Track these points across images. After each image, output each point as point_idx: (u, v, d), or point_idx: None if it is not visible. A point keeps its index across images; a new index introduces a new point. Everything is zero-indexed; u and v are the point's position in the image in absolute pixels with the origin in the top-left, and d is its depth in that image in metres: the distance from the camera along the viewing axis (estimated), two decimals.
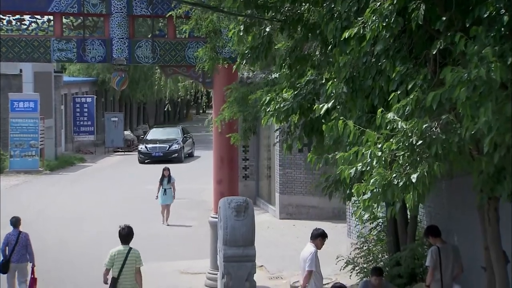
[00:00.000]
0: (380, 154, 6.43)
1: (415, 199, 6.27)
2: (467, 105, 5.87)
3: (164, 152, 33.05)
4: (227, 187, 13.71)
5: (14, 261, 12.34)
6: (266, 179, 21.93)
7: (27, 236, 12.57)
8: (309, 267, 9.90)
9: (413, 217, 11.30)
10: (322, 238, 10.14)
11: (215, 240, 13.77)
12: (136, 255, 10.46)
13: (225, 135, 13.28)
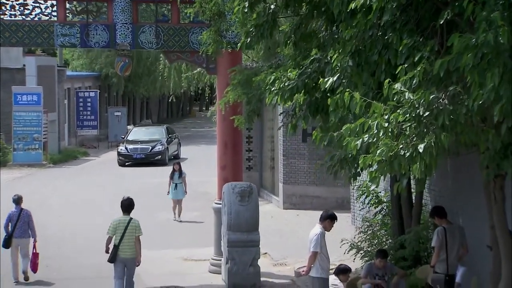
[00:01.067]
0: (387, 125, 6.38)
1: (422, 169, 6.21)
2: (475, 72, 5.81)
3: (147, 154, 29.88)
4: (231, 173, 13.66)
5: (16, 236, 13.03)
6: (269, 170, 21.87)
7: (29, 213, 13.25)
8: (314, 248, 9.85)
9: (418, 200, 11.26)
10: (331, 220, 10.07)
11: (219, 226, 13.74)
12: (135, 225, 11.40)
13: (229, 121, 13.23)
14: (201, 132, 47.23)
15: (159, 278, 13.35)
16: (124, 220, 11.39)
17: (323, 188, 19.42)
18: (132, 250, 11.37)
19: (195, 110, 66.66)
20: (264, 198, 21.30)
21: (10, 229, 13.05)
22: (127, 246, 11.35)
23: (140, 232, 11.43)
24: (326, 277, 10.02)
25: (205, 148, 35.83)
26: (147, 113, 50.36)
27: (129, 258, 11.40)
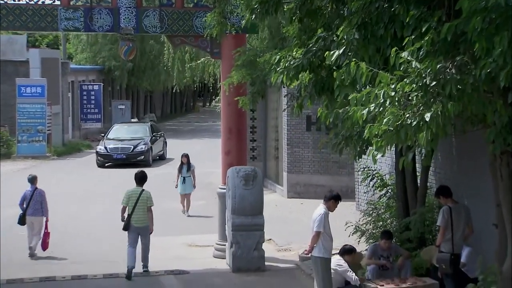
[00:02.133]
0: (393, 94, 6.34)
1: (428, 138, 6.17)
2: (483, 38, 5.76)
3: (128, 154, 27.20)
4: (236, 158, 13.62)
5: (29, 214, 13.76)
6: (273, 160, 21.84)
7: (42, 192, 13.98)
8: (317, 227, 9.80)
9: (423, 182, 11.21)
10: (335, 200, 10.02)
11: (223, 211, 13.71)
12: (147, 196, 12.39)
13: (234, 106, 13.20)
14: (204, 126, 47.27)
15: (163, 263, 13.33)
16: (136, 191, 12.34)
17: (327, 177, 19.38)
18: (145, 219, 12.28)
19: (198, 105, 66.68)
20: (268, 187, 21.26)
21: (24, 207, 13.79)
22: (139, 216, 12.26)
23: (151, 202, 12.39)
24: (328, 257, 9.98)
25: (208, 141, 35.84)
26: (150, 107, 50.36)
27: (142, 227, 12.31)
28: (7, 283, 12.19)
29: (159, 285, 12.10)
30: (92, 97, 37.13)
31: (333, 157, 19.46)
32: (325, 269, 9.88)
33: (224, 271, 12.88)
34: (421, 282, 10.20)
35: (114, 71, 39.87)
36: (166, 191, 19.77)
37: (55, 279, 12.39)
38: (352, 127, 8.34)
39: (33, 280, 12.35)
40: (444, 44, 6.47)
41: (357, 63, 6.66)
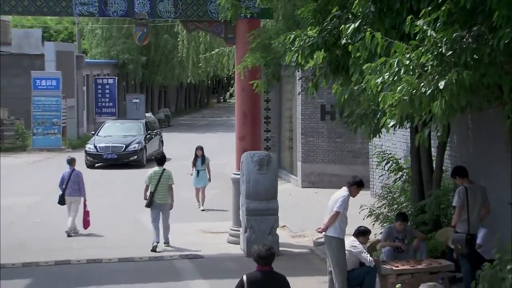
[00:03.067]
0: (408, 62, 6.29)
1: (442, 107, 6.12)
2: (504, 5, 5.70)
3: (119, 154, 24.73)
4: (250, 143, 13.61)
5: (67, 194, 14.58)
6: (288, 151, 21.81)
7: (79, 173, 14.87)
8: (338, 208, 9.74)
9: (438, 165, 11.14)
10: (358, 186, 9.95)
11: (237, 196, 13.70)
12: (168, 175, 13.52)
13: (248, 91, 13.18)
14: (218, 121, 47.30)
15: (178, 248, 13.36)
16: (158, 170, 13.48)
17: (341, 166, 19.32)
18: (166, 196, 13.45)
19: (213, 101, 66.72)
20: (283, 178, 21.22)
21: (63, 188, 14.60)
22: (161, 193, 13.40)
23: (172, 181, 13.55)
24: (342, 238, 9.94)
25: (222, 135, 35.83)
26: (165, 102, 50.43)
27: (163, 204, 13.44)
28: (22, 266, 12.27)
29: (173, 269, 12.12)
30: (106, 91, 37.23)
31: (348, 146, 19.43)
32: (339, 250, 9.84)
33: (238, 256, 12.87)
34: (437, 263, 10.14)
35: (129, 65, 39.95)
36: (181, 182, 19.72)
37: (70, 263, 12.45)
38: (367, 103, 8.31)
39: (48, 263, 12.42)
40: (461, 14, 6.42)
41: (372, 33, 6.62)
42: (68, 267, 12.23)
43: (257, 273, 6.92)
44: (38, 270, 12.09)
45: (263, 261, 6.89)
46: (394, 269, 9.98)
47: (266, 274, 6.87)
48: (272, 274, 6.92)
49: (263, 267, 6.91)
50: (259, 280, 6.83)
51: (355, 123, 8.90)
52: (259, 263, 6.92)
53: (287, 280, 6.99)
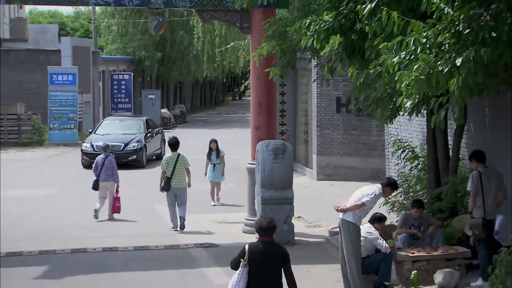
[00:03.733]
0: (425, 41, 6.26)
1: (459, 84, 6.07)
2: None
3: (118, 153, 22.14)
4: (265, 133, 13.60)
5: (101, 180, 15.03)
6: (303, 144, 21.77)
7: (113, 160, 15.36)
8: (367, 201, 9.63)
9: (455, 153, 11.06)
10: (391, 188, 9.87)
11: (252, 186, 13.70)
12: (184, 159, 14.06)
13: (264, 80, 13.18)
14: (233, 118, 47.33)
15: (193, 237, 13.41)
16: (173, 156, 13.99)
17: (357, 158, 19.27)
18: (182, 180, 14.01)
19: (228, 99, 66.78)
20: (298, 171, 21.19)
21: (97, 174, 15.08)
22: (177, 178, 13.94)
23: (188, 164, 14.11)
24: (359, 226, 9.91)
25: (238, 131, 35.85)
26: (180, 99, 50.54)
27: (179, 188, 13.99)
28: (39, 254, 12.35)
29: (188, 257, 12.15)
30: (122, 87, 37.37)
31: (363, 138, 19.37)
32: (355, 235, 9.80)
33: None
34: (453, 250, 10.09)
35: (145, 61, 40.05)
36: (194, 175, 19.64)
37: (86, 251, 12.51)
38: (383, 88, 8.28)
39: (64, 251, 12.49)
40: None
41: (389, 12, 6.58)
42: (84, 255, 12.29)
43: (258, 243, 7.30)
44: (54, 257, 12.17)
45: (264, 232, 7.29)
46: (410, 256, 9.95)
47: (266, 244, 7.26)
48: (272, 245, 7.30)
49: (264, 238, 7.30)
50: (260, 250, 7.22)
51: (370, 107, 8.84)
52: (261, 234, 7.32)
53: (286, 251, 7.34)
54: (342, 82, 19.20)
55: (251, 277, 7.16)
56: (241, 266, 7.19)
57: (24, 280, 10.80)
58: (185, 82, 50.74)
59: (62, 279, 10.86)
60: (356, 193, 9.95)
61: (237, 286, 7.17)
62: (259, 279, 7.17)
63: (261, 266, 7.16)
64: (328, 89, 19.27)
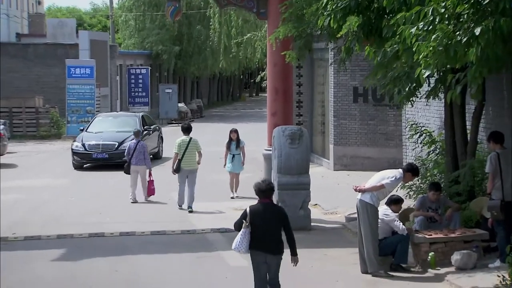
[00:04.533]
0: (444, 11, 6.21)
1: (478, 54, 6.03)
2: None
3: (111, 153, 20.87)
4: (282, 119, 13.61)
5: (133, 163, 15.59)
6: (320, 135, 21.72)
7: (144, 144, 16.05)
8: (387, 184, 9.68)
9: (472, 136, 11.00)
10: (412, 174, 9.91)
11: (269, 172, 13.71)
12: (195, 142, 14.75)
13: (280, 66, 13.17)
14: (250, 113, 47.33)
15: (209, 222, 13.43)
16: (185, 139, 14.65)
17: (374, 148, 19.19)
18: (193, 163, 14.67)
19: (245, 95, 66.80)
20: (315, 162, 21.14)
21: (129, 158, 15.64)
22: (188, 160, 14.59)
23: (199, 147, 14.79)
24: (377, 207, 9.89)
25: (255, 124, 35.82)
26: (197, 94, 50.62)
27: (190, 169, 14.62)
28: (57, 238, 12.43)
29: (205, 241, 12.18)
30: (140, 81, 37.46)
31: (381, 128, 19.29)
32: (373, 216, 9.78)
33: None
34: (471, 232, 10.04)
35: (162, 55, 40.14)
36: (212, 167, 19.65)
37: (104, 235, 12.57)
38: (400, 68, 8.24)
39: (82, 235, 12.56)
40: None
41: None
42: (102, 239, 12.35)
43: (258, 204, 7.91)
44: (72, 241, 12.24)
45: (263, 194, 7.89)
46: (427, 238, 9.90)
47: (265, 205, 7.89)
48: (271, 205, 8.00)
49: (263, 200, 7.91)
50: (260, 211, 7.84)
51: (388, 85, 8.81)
52: (260, 196, 7.92)
53: (283, 210, 8.14)
54: (359, 71, 19.13)
55: (253, 237, 7.77)
56: (244, 227, 7.79)
57: (43, 262, 10.87)
58: (202, 77, 50.79)
59: (80, 261, 10.93)
60: (377, 175, 9.94)
61: (240, 245, 7.82)
62: (260, 238, 7.76)
63: (262, 226, 7.75)
64: (345, 79, 19.22)
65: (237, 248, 7.89)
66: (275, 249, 7.82)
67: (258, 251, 7.81)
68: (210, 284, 9.75)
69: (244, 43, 26.93)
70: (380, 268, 9.79)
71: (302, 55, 11.55)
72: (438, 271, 9.67)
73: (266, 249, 7.80)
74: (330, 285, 9.52)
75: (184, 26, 41.46)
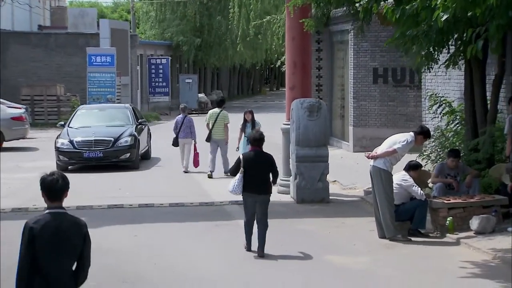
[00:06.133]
0: None
1: None
2: None
3: (106, 151, 17.23)
4: (300, 93, 13.57)
5: (181, 137, 16.66)
6: (339, 119, 21.66)
7: (191, 119, 17.10)
8: (399, 148, 9.68)
9: (493, 105, 10.91)
10: (424, 136, 9.88)
11: (287, 146, 13.72)
12: (225, 115, 16.05)
13: (298, 40, 13.15)
14: (270, 104, 47.34)
15: (226, 196, 13.37)
16: (216, 111, 16.08)
17: (394, 130, 18.82)
18: (221, 133, 15.96)
19: (265, 89, 66.81)
20: (334, 145, 21.12)
21: (177, 132, 16.70)
22: (217, 130, 15.95)
23: (227, 120, 15.96)
24: (390, 172, 9.85)
25: (274, 114, 35.85)
26: (217, 86, 50.69)
27: (219, 139, 15.96)
28: (76, 209, 12.51)
29: (224, 212, 12.23)
30: (160, 71, 37.56)
31: (400, 109, 19.20)
32: (387, 181, 9.75)
33: (288, 203, 12.89)
34: (490, 197, 9.97)
35: (182, 46, 40.23)
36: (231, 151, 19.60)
37: (123, 207, 12.65)
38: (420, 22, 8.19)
39: (101, 206, 12.65)
40: None
41: None
42: (121, 210, 12.44)
43: (251, 152, 9.31)
44: (91, 212, 12.33)
45: (256, 142, 9.23)
46: (446, 203, 9.86)
47: (257, 152, 9.23)
48: (261, 153, 9.27)
49: (255, 147, 9.24)
50: (252, 157, 9.19)
51: (406, 44, 8.76)
52: (253, 144, 9.25)
53: (271, 156, 9.32)
54: (379, 52, 19.07)
55: (246, 180, 9.07)
56: (240, 172, 9.09)
57: None
58: (222, 70, 50.85)
59: (99, 228, 10.97)
60: (388, 140, 9.91)
61: (237, 188, 9.15)
62: (252, 180, 9.07)
63: (254, 169, 9.06)
64: (365, 60, 19.17)
65: (234, 191, 9.21)
66: (264, 190, 9.15)
67: (250, 193, 9.11)
68: (227, 248, 9.77)
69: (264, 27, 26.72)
70: (398, 233, 9.76)
71: (320, 22, 11.51)
72: (456, 235, 9.61)
73: (256, 191, 9.10)
74: (347, 249, 9.50)
75: (204, 17, 41.52)
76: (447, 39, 8.73)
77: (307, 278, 8.20)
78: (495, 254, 8.65)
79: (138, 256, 9.31)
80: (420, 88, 16.60)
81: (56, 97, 30.98)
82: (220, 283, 8.12)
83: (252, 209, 9.20)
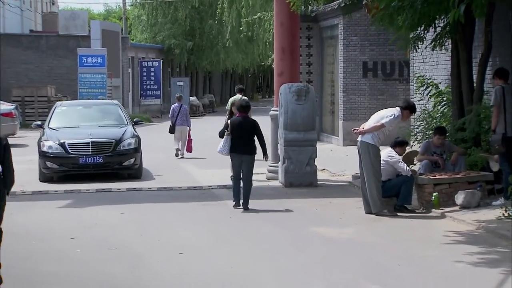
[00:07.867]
0: None
1: None
2: None
3: (107, 156, 13.93)
4: (288, 79, 13.62)
5: (178, 124, 17.71)
6: (329, 114, 21.72)
7: (186, 107, 18.40)
8: (386, 122, 9.76)
9: (478, 84, 10.97)
10: (410, 111, 9.94)
11: (275, 132, 13.75)
12: (246, 100, 17.00)
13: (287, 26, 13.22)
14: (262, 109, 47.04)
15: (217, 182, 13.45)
16: (238, 97, 15.33)
17: None
18: None
19: (257, 96, 66.95)
20: (324, 140, 21.20)
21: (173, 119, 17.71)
22: None
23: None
24: (379, 147, 9.90)
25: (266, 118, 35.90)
26: (209, 91, 50.75)
27: None
28: (64, 192, 12.52)
29: (212, 194, 12.28)
30: (151, 74, 37.61)
31: (390, 103, 19.16)
32: (375, 156, 9.80)
33: (277, 186, 12.92)
34: (475, 173, 10.02)
35: (174, 49, 40.29)
36: None
37: (111, 190, 12.65)
38: None
39: (89, 190, 12.64)
40: None
41: None
42: (109, 194, 12.43)
43: (238, 117, 10.69)
44: (79, 195, 12.34)
45: (243, 109, 10.72)
46: (431, 179, 9.91)
47: (243, 118, 10.67)
48: (246, 118, 10.70)
49: (241, 114, 10.67)
50: (238, 122, 10.58)
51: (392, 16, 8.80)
52: (240, 110, 10.69)
53: (256, 122, 10.75)
54: (369, 46, 19.17)
55: (233, 143, 10.45)
56: (226, 134, 10.46)
57: (50, 209, 10.97)
58: (215, 74, 50.92)
59: (85, 208, 11.00)
60: (375, 115, 9.97)
61: (223, 148, 10.54)
62: (238, 142, 10.45)
63: (240, 133, 10.44)
64: (355, 53, 19.26)
65: (221, 150, 10.57)
66: (249, 150, 10.51)
67: (236, 153, 10.49)
68: (213, 222, 9.78)
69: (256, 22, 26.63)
70: (384, 208, 9.79)
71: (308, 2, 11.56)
72: (441, 210, 9.66)
73: (242, 151, 10.47)
74: (334, 222, 9.53)
75: (196, 21, 41.60)
76: (433, 11, 8.76)
77: (295, 246, 8.21)
78: (479, 225, 8.69)
79: (125, 229, 9.33)
80: (409, 82, 16.67)
81: (47, 98, 30.93)
82: (205, 250, 8.12)
83: (238, 168, 10.57)
